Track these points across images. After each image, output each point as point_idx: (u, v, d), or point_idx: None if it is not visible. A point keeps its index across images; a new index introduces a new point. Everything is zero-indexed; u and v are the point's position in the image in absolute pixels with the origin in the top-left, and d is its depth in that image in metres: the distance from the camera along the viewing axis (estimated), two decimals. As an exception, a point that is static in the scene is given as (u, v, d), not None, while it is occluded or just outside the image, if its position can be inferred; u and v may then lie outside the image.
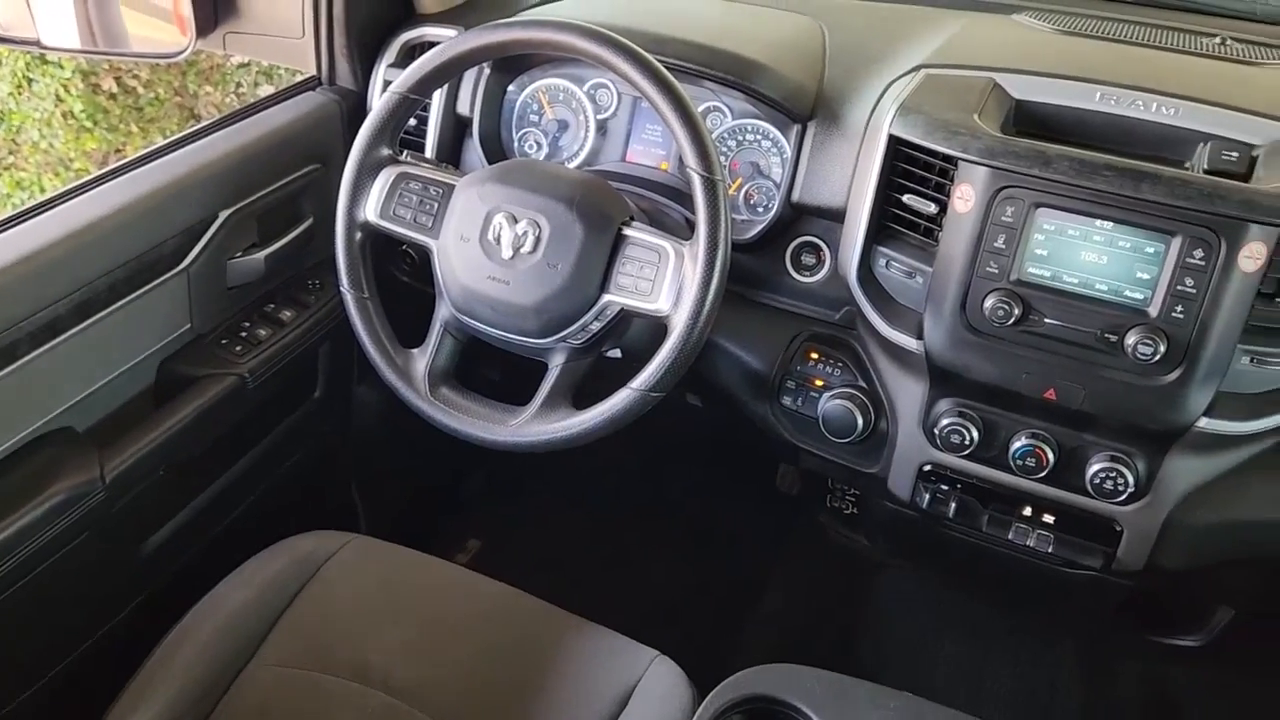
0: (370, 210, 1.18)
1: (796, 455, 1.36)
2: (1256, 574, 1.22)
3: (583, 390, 1.17)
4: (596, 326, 1.12)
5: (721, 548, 1.97)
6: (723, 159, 1.28)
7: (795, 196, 1.24)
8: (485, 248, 1.13)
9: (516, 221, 1.11)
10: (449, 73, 1.18)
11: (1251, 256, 0.98)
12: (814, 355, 1.28)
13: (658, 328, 1.11)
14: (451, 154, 1.42)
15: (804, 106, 1.23)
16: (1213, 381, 1.04)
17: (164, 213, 1.22)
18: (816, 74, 1.26)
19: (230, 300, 1.36)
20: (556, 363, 1.15)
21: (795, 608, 1.87)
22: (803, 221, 1.28)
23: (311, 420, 1.56)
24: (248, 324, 1.38)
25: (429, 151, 1.42)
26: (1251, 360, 1.04)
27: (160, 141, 1.31)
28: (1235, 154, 1.04)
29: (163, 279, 1.24)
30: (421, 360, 1.20)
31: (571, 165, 1.39)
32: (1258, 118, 1.09)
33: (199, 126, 1.35)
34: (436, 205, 1.17)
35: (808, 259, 1.29)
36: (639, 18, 1.40)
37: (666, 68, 1.08)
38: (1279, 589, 1.27)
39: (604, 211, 1.12)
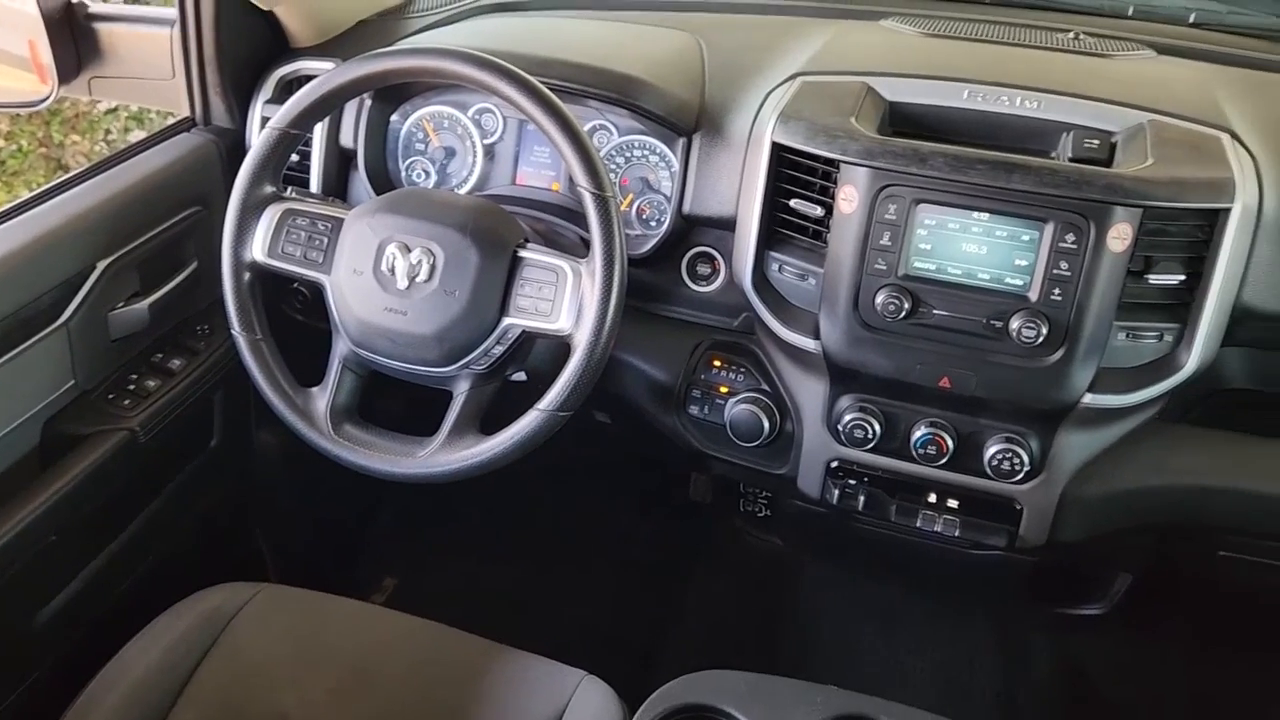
0: (257, 249, 1.15)
1: (707, 463, 1.38)
2: (1148, 540, 1.28)
3: (490, 416, 1.16)
4: (499, 351, 1.12)
5: (641, 561, 1.98)
6: (612, 176, 1.29)
7: (686, 208, 1.26)
8: (380, 279, 1.11)
9: (410, 251, 1.10)
10: (329, 105, 1.16)
11: (1119, 237, 1.04)
12: (717, 363, 1.30)
13: (561, 347, 1.11)
14: (338, 187, 1.40)
15: (688, 120, 1.25)
16: (1093, 359, 1.09)
17: (37, 267, 1.17)
18: (698, 88, 1.28)
19: (115, 353, 1.31)
20: (461, 390, 1.15)
21: (718, 614, 1.88)
22: (695, 232, 1.30)
23: (210, 470, 1.51)
24: (135, 376, 1.33)
25: (314, 186, 1.39)
26: (1127, 335, 1.09)
27: (26, 195, 1.25)
28: (1096, 141, 1.10)
29: (41, 335, 1.18)
30: (322, 399, 1.17)
31: (462, 191, 1.38)
32: (1114, 106, 1.15)
33: (69, 176, 1.30)
34: (326, 240, 1.15)
35: (703, 269, 1.31)
36: (519, 42, 1.41)
37: (550, 89, 1.08)
38: (1170, 553, 1.34)
39: (498, 235, 1.11)
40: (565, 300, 1.08)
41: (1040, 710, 1.74)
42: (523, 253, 1.11)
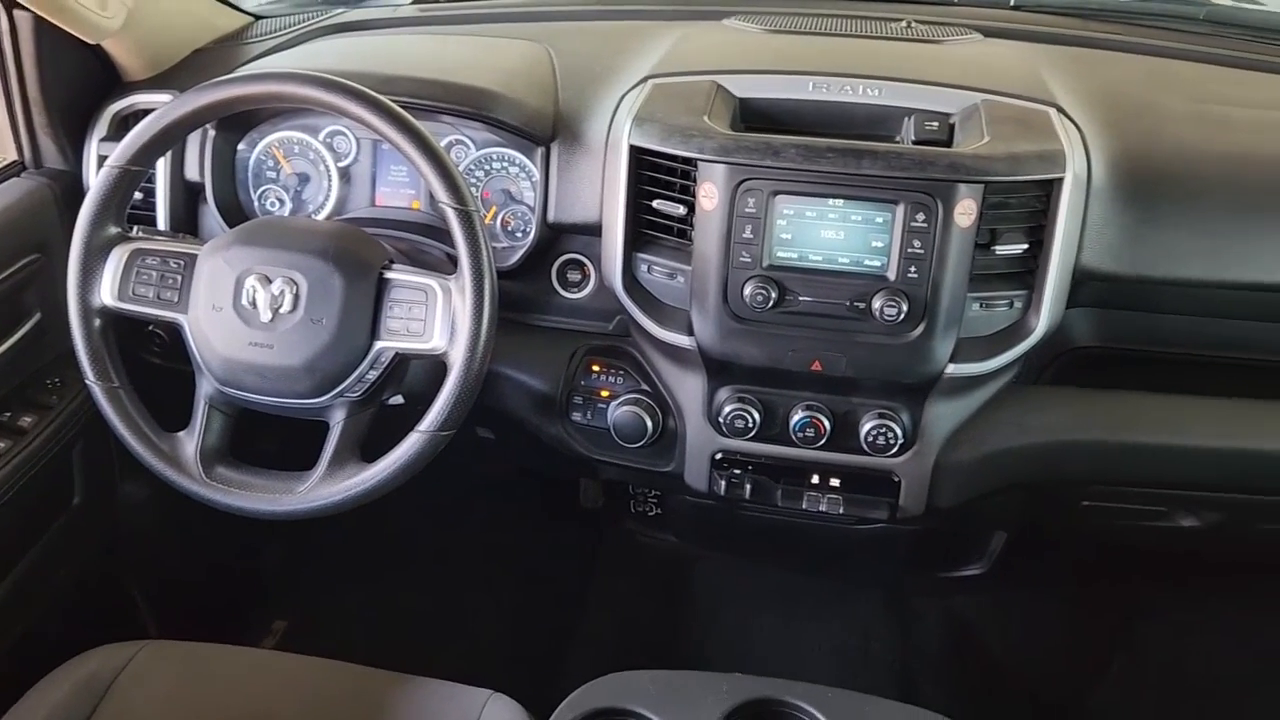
0: (107, 294, 1.10)
1: (595, 468, 1.38)
2: (1018, 498, 1.34)
3: (369, 443, 1.14)
4: (373, 375, 1.10)
5: (538, 574, 1.97)
6: (473, 190, 1.28)
7: (551, 217, 1.26)
8: (241, 314, 1.08)
9: (270, 282, 1.07)
10: (171, 139, 1.12)
11: (965, 213, 1.09)
12: (596, 367, 1.31)
13: (437, 367, 1.09)
14: (187, 223, 1.35)
15: (544, 129, 1.25)
16: (952, 330, 1.14)
17: None
18: (551, 96, 1.29)
19: (-43, 415, 1.24)
20: (337, 419, 1.12)
21: (620, 616, 1.89)
22: (563, 240, 1.30)
23: (75, 529, 1.43)
24: (-17, 438, 1.25)
25: (162, 223, 1.34)
26: (980, 305, 1.14)
27: None
28: (936, 123, 1.15)
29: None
30: (190, 442, 1.13)
31: (319, 217, 1.35)
32: (949, 89, 1.21)
33: (-113, 232, 1.21)
34: (180, 278, 1.11)
35: (573, 275, 1.32)
36: (365, 61, 1.38)
37: (401, 106, 1.07)
38: (1038, 508, 1.41)
39: (361, 258, 1.09)
40: (437, 319, 1.07)
41: (933, 670, 1.81)
42: (389, 274, 1.09)
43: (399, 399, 1.21)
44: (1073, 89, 1.24)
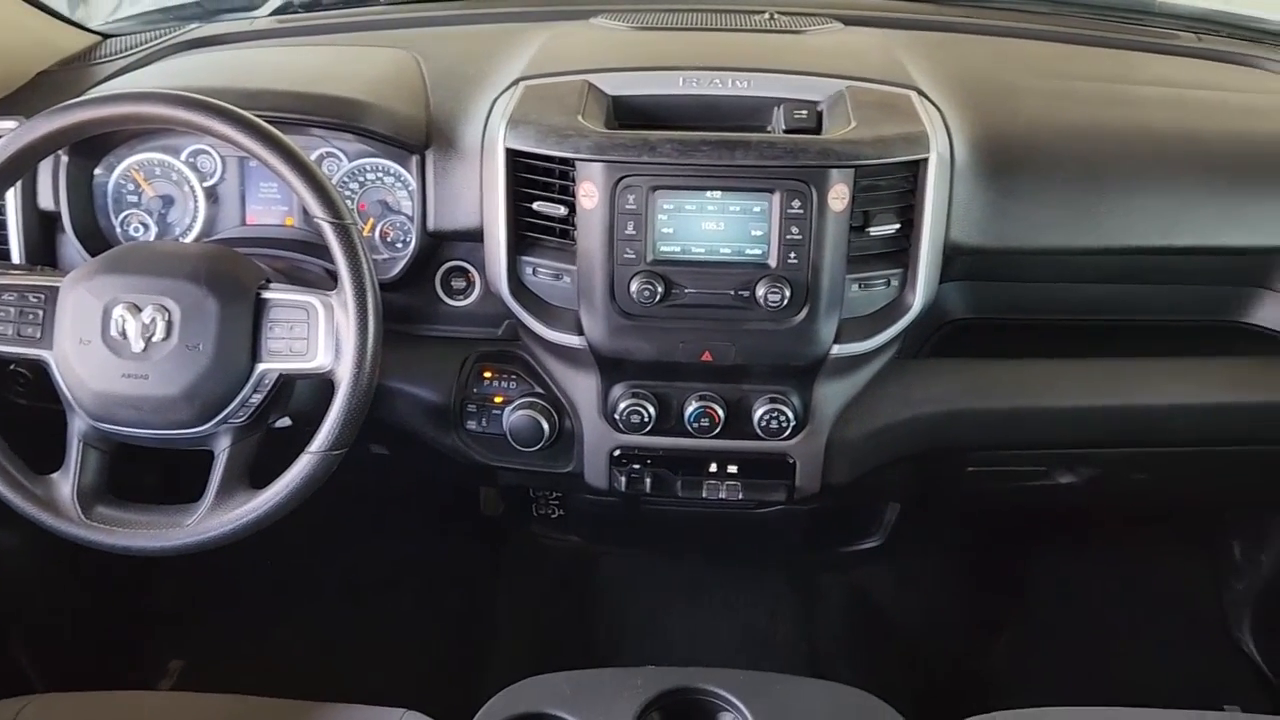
0: (-40, 336, 1.04)
1: (494, 475, 1.37)
2: (907, 469, 1.39)
3: (258, 468, 1.11)
4: (257, 399, 1.07)
5: (444, 586, 1.94)
6: (349, 202, 1.26)
7: (431, 225, 1.25)
8: (111, 345, 1.04)
9: (140, 310, 1.03)
10: (20, 167, 1.07)
11: (838, 197, 1.12)
12: (488, 374, 1.30)
13: (324, 385, 1.07)
14: (44, 254, 1.29)
15: (417, 137, 1.24)
16: (834, 312, 1.17)
17: None
18: (422, 103, 1.27)
19: None
20: (223, 447, 1.09)
21: (531, 621, 1.88)
22: (445, 248, 1.28)
23: (-57, 586, 1.35)
24: None
25: (16, 256, 1.27)
26: (859, 286, 1.18)
27: None
28: (804, 112, 1.18)
29: None
30: (65, 483, 1.08)
31: (187, 240, 1.30)
32: (815, 77, 1.24)
33: None
34: (41, 313, 1.06)
35: (458, 283, 1.30)
36: (225, 76, 1.34)
37: (266, 121, 1.04)
38: (927, 477, 1.46)
39: (236, 279, 1.06)
40: (320, 336, 1.05)
41: (838, 644, 1.86)
42: (266, 294, 1.06)
43: (286, 421, 1.18)
44: (930, 72, 1.29)
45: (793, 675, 1.06)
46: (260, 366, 1.05)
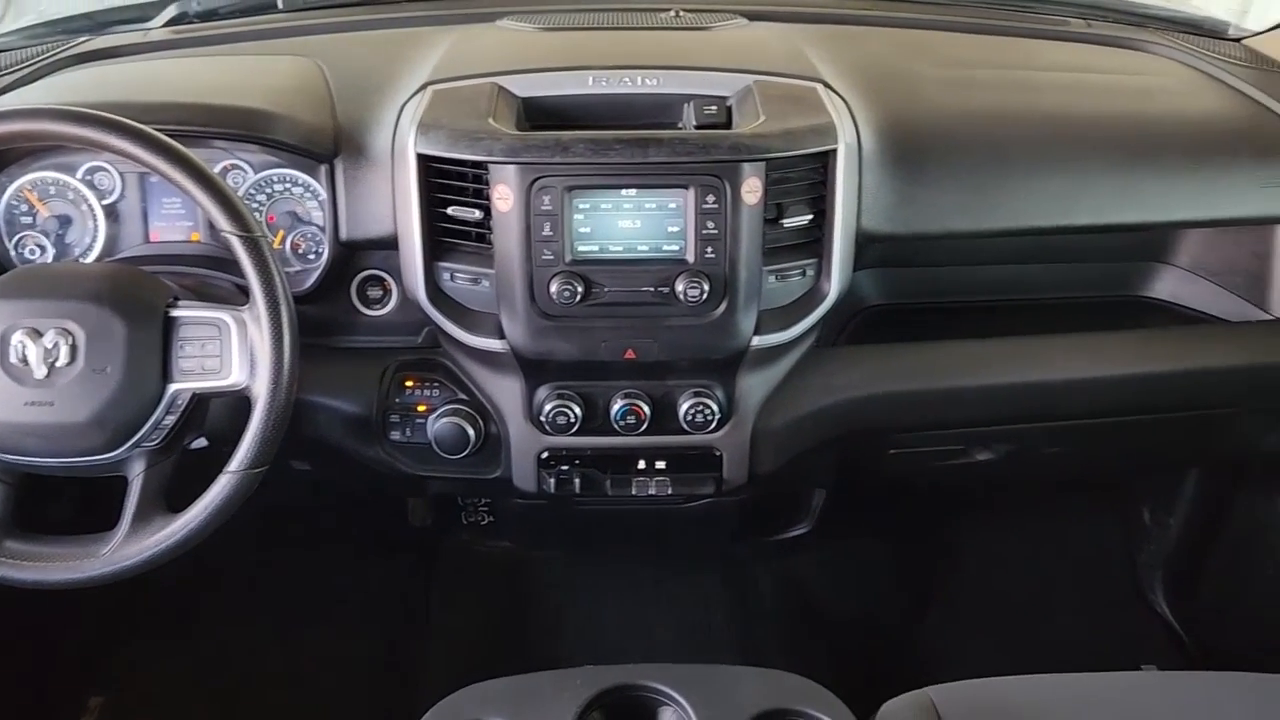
0: None
1: (422, 485, 1.36)
2: (832, 454, 1.41)
3: (175, 491, 1.08)
4: (171, 420, 1.04)
5: (376, 602, 1.91)
6: (257, 214, 1.23)
7: (344, 235, 1.23)
8: (11, 373, 1.00)
9: (41, 335, 1.00)
10: (-98, 191, 1.02)
11: (751, 191, 1.13)
12: (410, 383, 1.28)
13: (241, 403, 1.05)
14: (-67, 281, 1.23)
15: (325, 146, 1.22)
16: (753, 304, 1.18)
17: None
18: (328, 111, 1.25)
19: None
20: (137, 472, 1.05)
21: (467, 631, 1.87)
22: (359, 257, 1.27)
23: None
24: None
25: (-97, 285, 1.21)
26: (776, 277, 1.19)
27: None
28: (714, 107, 1.19)
29: None
30: (-32, 520, 1.04)
31: (88, 260, 1.26)
32: (723, 73, 1.25)
33: None
34: (-67, 344, 1.01)
35: (374, 292, 1.29)
36: (120, 90, 1.30)
37: (166, 135, 1.01)
38: (851, 461, 1.48)
39: (142, 299, 1.03)
40: (234, 353, 1.02)
41: (774, 631, 1.88)
42: (175, 311, 1.03)
43: (203, 442, 1.15)
44: (834, 64, 1.31)
45: (731, 665, 1.07)
46: (172, 387, 1.02)
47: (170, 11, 1.56)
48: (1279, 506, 1.58)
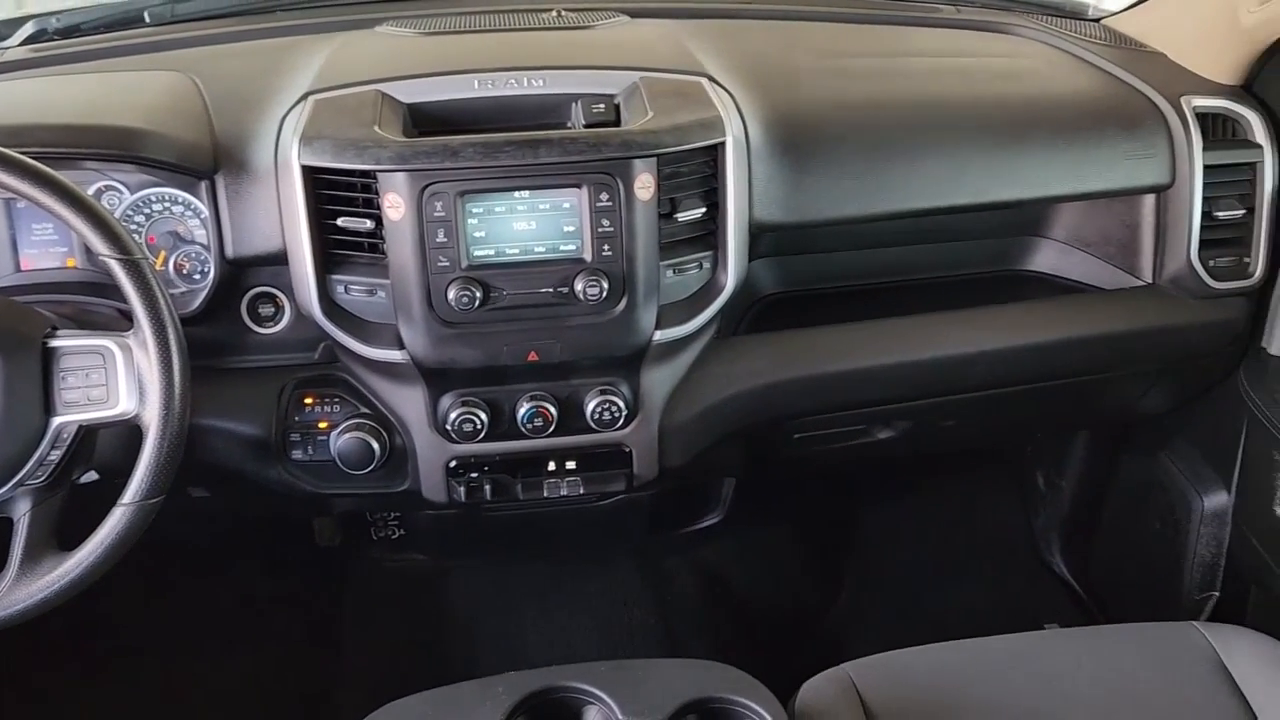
0: None
1: (327, 504, 1.33)
2: (739, 443, 1.43)
3: (67, 528, 1.03)
4: (57, 455, 1.00)
5: (287, 628, 1.86)
6: (136, 236, 1.19)
7: (230, 253, 1.19)
8: (-122, 417, 0.94)
9: (-92, 375, 0.94)
10: None
11: (644, 187, 1.14)
12: (309, 400, 1.25)
13: (131, 432, 1.01)
14: None
15: (203, 162, 1.18)
16: (652, 300, 1.19)
17: None
18: (205, 126, 1.21)
19: None
20: (22, 511, 1.01)
21: (384, 648, 1.84)
22: (248, 274, 1.23)
23: None
24: None
25: None
26: (673, 272, 1.20)
27: None
28: (602, 105, 1.20)
29: None
30: None
31: None
32: (609, 70, 1.26)
33: None
34: None
35: (266, 309, 1.25)
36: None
37: (33, 158, 0.97)
38: (758, 449, 1.51)
39: (15, 331, 0.99)
40: (120, 381, 0.99)
41: (692, 621, 1.91)
42: (54, 342, 0.99)
43: (93, 475, 1.11)
44: (718, 58, 1.33)
45: (652, 659, 1.07)
46: (56, 420, 0.98)
47: (27, 29, 1.48)
48: (1162, 464, 1.66)
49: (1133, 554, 1.78)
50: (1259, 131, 1.37)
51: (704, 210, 1.20)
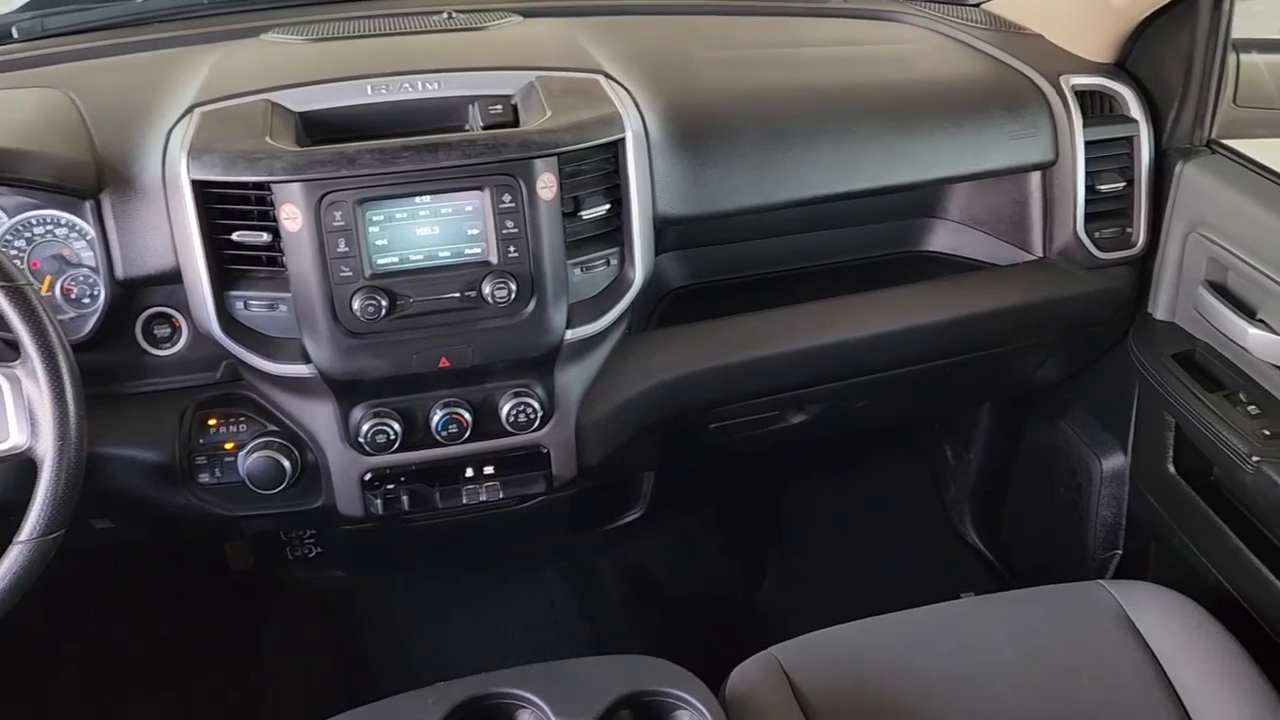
0: None
1: (238, 527, 1.30)
2: (656, 436, 1.44)
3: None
4: (-55, 495, 0.95)
5: (204, 659, 1.80)
6: (18, 262, 1.14)
7: (120, 274, 1.15)
8: None
9: None
10: None
11: (546, 186, 1.14)
12: (213, 421, 1.22)
13: (24, 466, 0.97)
14: None
15: (85, 181, 1.13)
16: (562, 299, 1.19)
17: None
18: (85, 144, 1.16)
19: None
20: (-89, 556, 0.96)
21: (306, 671, 1.79)
22: (141, 295, 1.19)
23: None
24: None
25: None
26: (581, 270, 1.20)
27: None
28: (499, 106, 1.19)
29: None
30: None
31: None
32: (504, 71, 1.25)
33: None
34: None
35: (162, 330, 1.21)
36: None
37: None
38: (675, 441, 1.52)
39: (-107, 367, 0.94)
40: (9, 414, 0.95)
41: (620, 617, 1.91)
42: (-65, 377, 0.94)
43: (-15, 513, 1.06)
44: (612, 55, 1.33)
45: (583, 658, 1.07)
46: (-59, 459, 0.94)
47: (-118, 48, 1.41)
48: (1062, 431, 1.72)
49: (1040, 519, 1.84)
50: (1134, 106, 1.43)
51: (608, 207, 1.20)
